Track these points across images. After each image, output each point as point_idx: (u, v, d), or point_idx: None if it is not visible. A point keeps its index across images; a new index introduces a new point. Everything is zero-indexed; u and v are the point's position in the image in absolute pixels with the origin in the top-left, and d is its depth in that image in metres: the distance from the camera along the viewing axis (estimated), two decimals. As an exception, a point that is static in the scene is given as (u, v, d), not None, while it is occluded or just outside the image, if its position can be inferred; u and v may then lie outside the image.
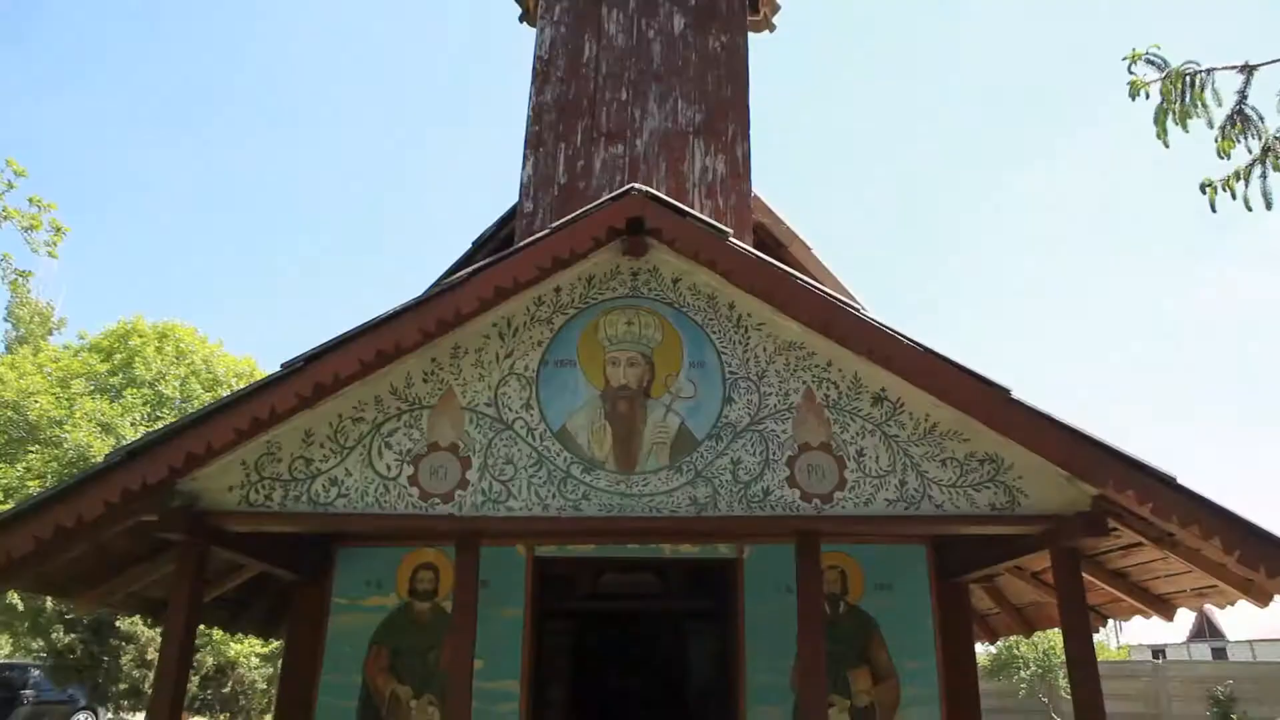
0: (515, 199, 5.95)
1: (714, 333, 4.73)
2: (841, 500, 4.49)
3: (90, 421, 17.14)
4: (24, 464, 16.53)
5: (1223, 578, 4.48)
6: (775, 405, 4.62)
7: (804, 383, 4.66)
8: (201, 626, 5.57)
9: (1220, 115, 5.36)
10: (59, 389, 17.74)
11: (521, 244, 4.61)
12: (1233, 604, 4.79)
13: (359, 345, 4.36)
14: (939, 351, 4.39)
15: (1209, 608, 5.33)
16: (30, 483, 16.16)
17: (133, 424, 17.66)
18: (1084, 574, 4.81)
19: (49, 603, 16.74)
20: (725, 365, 4.68)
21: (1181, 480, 4.11)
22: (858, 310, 4.53)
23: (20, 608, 17.25)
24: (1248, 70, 5.33)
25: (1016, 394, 4.33)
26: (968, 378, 4.37)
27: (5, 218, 10.15)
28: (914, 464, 4.54)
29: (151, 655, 18.24)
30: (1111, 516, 4.43)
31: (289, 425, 4.54)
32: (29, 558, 4.28)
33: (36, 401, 17.10)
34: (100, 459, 16.56)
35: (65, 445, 16.72)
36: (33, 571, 4.61)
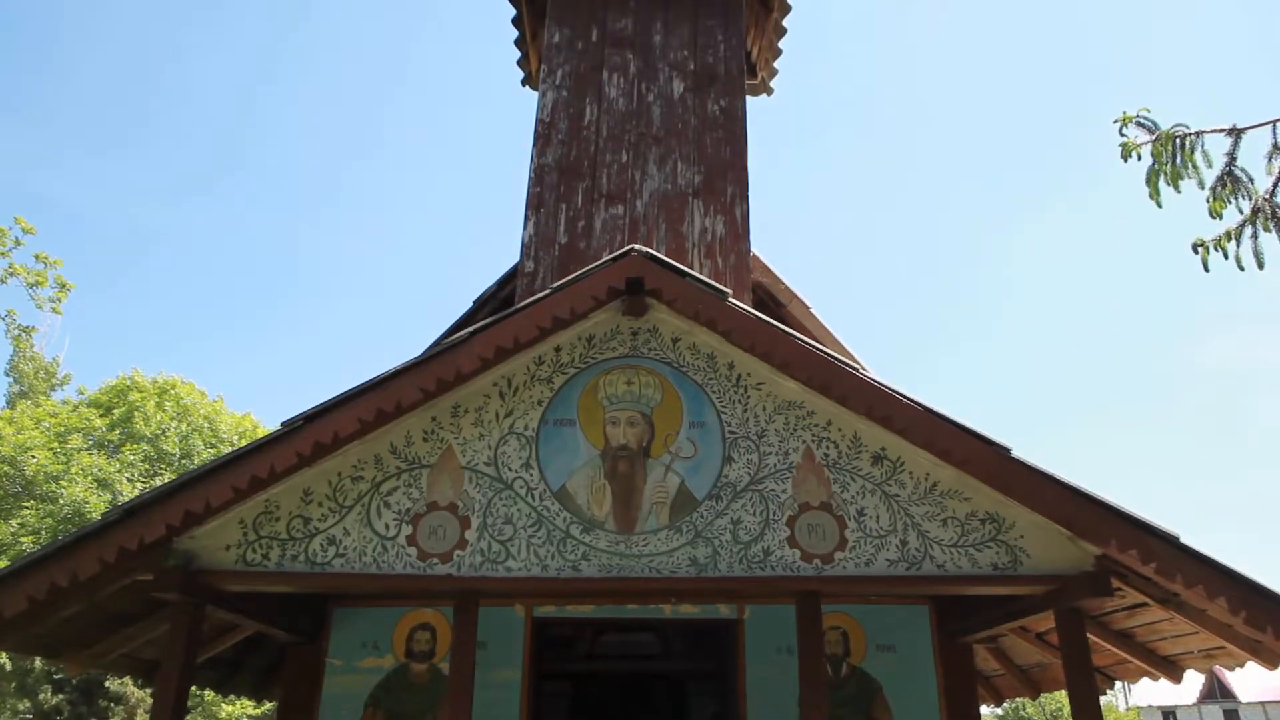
0: (516, 258, 6.02)
1: (713, 392, 4.75)
2: (842, 560, 4.46)
3: (87, 477, 17.06)
4: (18, 520, 16.41)
5: (1230, 639, 4.43)
6: (775, 465, 4.62)
7: (804, 442, 4.67)
8: (193, 688, 5.47)
9: (1211, 176, 5.46)
10: (56, 444, 17.70)
11: (522, 304, 4.65)
12: (1241, 665, 4.72)
13: (359, 404, 4.37)
14: (938, 410, 4.40)
15: (1219, 669, 5.26)
16: (24, 539, 16.02)
17: (130, 480, 17.58)
18: (1089, 635, 4.75)
19: (37, 662, 16.47)
20: (725, 425, 4.69)
21: (1185, 539, 4.09)
22: (856, 369, 4.55)
23: (7, 667, 16.96)
24: (1235, 133, 5.44)
25: (1016, 453, 4.34)
26: (967, 436, 4.37)
27: (11, 274, 10.27)
28: (915, 524, 4.52)
29: (141, 717, 17.88)
30: (1115, 576, 4.40)
31: (288, 484, 4.53)
32: (21, 617, 4.23)
33: (33, 456, 17.04)
34: (96, 515, 16.50)
35: (61, 501, 16.62)
36: (24, 631, 4.55)
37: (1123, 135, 5.66)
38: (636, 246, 4.73)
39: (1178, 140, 5.54)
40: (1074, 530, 4.33)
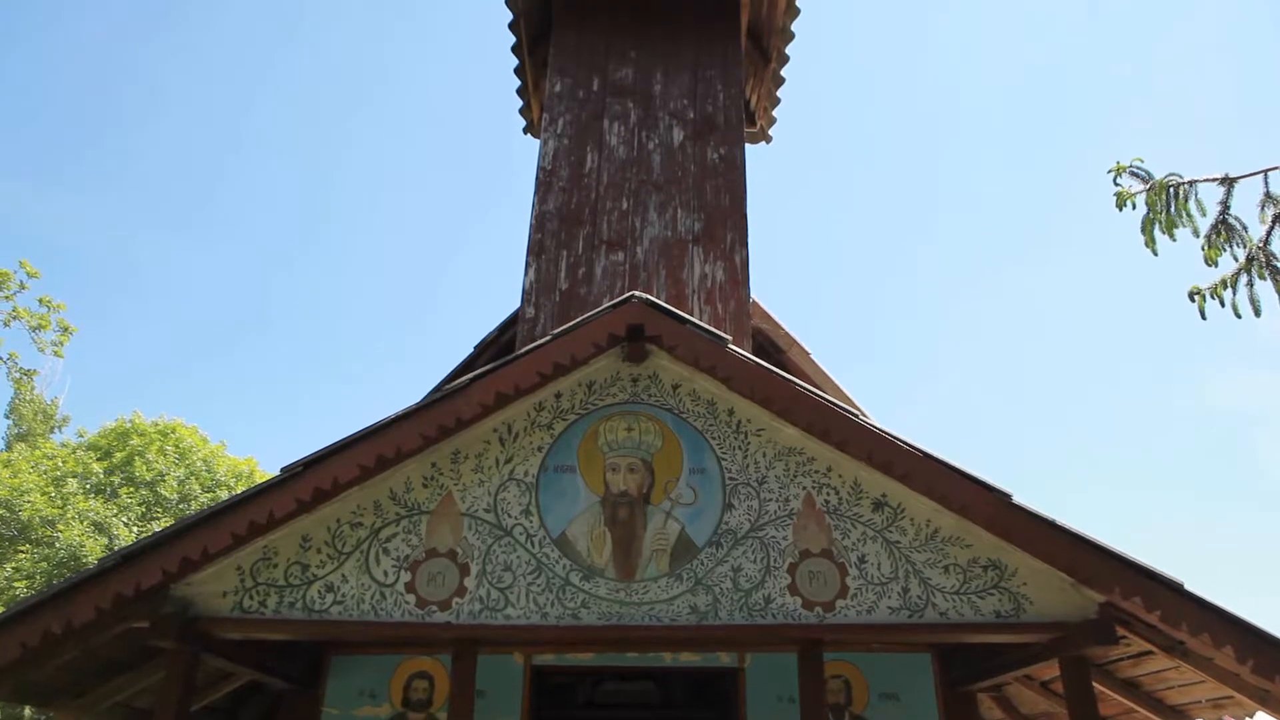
0: (516, 304, 6.06)
1: (714, 438, 4.75)
2: (844, 608, 4.42)
3: (83, 521, 16.95)
4: (13, 564, 16.27)
5: (1238, 688, 4.38)
6: (775, 511, 4.60)
7: (804, 488, 4.66)
8: (187, 738, 5.39)
9: (1205, 225, 5.52)
10: (53, 488, 17.61)
11: (523, 350, 4.68)
12: (1250, 715, 4.67)
13: (359, 450, 4.38)
14: (938, 456, 4.40)
15: (1227, 719, 5.19)
16: (18, 584, 15.87)
17: (127, 524, 17.47)
18: (1095, 683, 4.70)
19: (27, 711, 16.22)
20: (725, 471, 4.69)
21: (1189, 586, 4.07)
22: (856, 415, 4.56)
23: (-2, 716, 16.70)
24: (1228, 182, 5.51)
25: (1017, 499, 4.33)
26: (968, 483, 4.37)
27: (15, 317, 10.33)
28: (916, 570, 4.49)
29: (132, 766, 17.54)
30: (1120, 624, 4.36)
31: (287, 530, 4.51)
32: (14, 665, 4.19)
33: (29, 500, 16.95)
34: (93, 560, 16.35)
35: (57, 545, 16.49)
36: (17, 679, 4.50)
37: (1117, 185, 5.74)
38: (637, 293, 4.76)
39: (1171, 189, 5.61)
40: (1076, 577, 4.30)
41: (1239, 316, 5.38)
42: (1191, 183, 5.60)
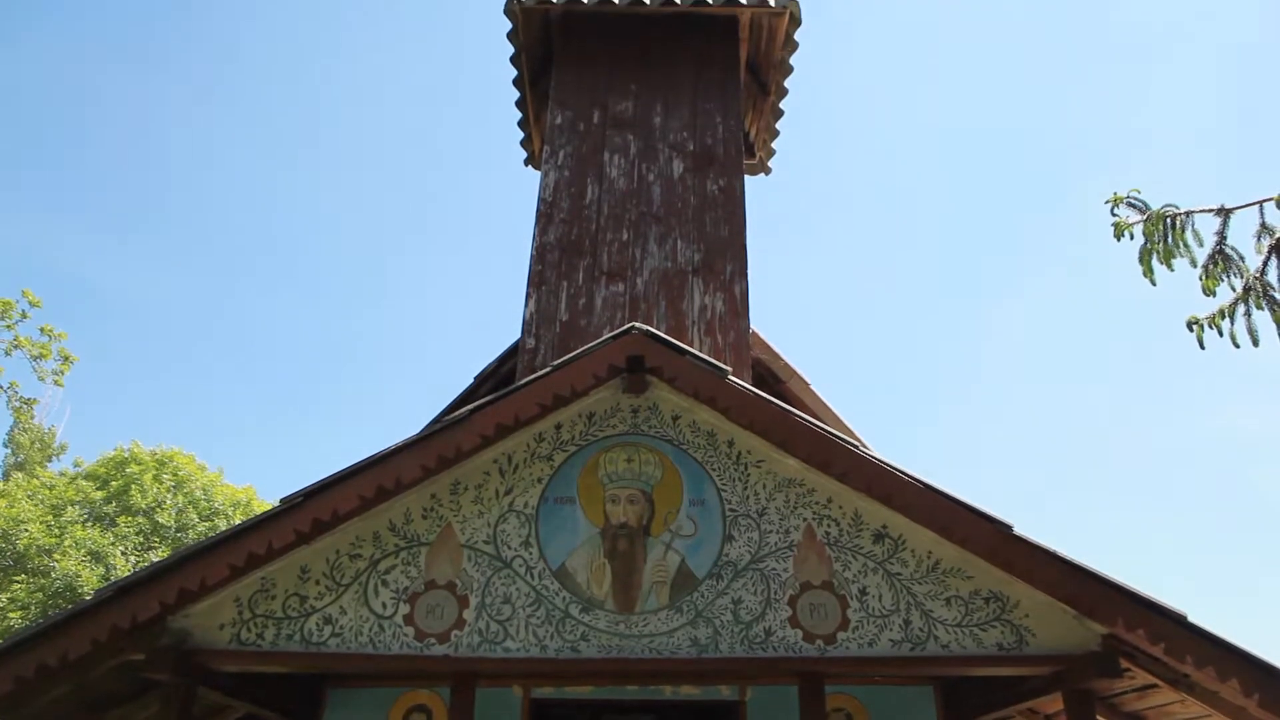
0: (516, 334, 6.08)
1: (714, 470, 4.75)
2: (845, 641, 4.39)
3: (80, 550, 16.86)
4: (8, 594, 16.16)
5: (1245, 722, 4.34)
6: (776, 543, 4.59)
7: (804, 520, 4.65)
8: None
9: (1202, 255, 5.56)
10: (50, 517, 17.54)
11: (523, 381, 4.69)
12: (1257, 750, 4.61)
13: (359, 481, 4.37)
14: (938, 487, 4.40)
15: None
16: (13, 614, 15.75)
17: (124, 554, 17.37)
18: (1099, 717, 4.65)
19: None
20: (725, 503, 4.68)
21: (1193, 618, 4.04)
22: (856, 446, 4.56)
23: (-10, 749, 16.50)
24: (1224, 213, 5.55)
25: (1018, 530, 4.32)
26: (968, 514, 4.36)
27: (16, 346, 10.35)
28: (918, 603, 4.47)
29: (125, 801, 17.30)
30: (1123, 657, 4.34)
31: (285, 561, 4.49)
32: (8, 699, 4.16)
33: (26, 529, 16.87)
34: (88, 589, 16.21)
35: (53, 575, 16.39)
36: (9, 713, 4.46)
37: (1115, 215, 5.78)
38: (637, 324, 4.78)
39: (1168, 220, 5.66)
40: (1079, 609, 4.28)
41: (1237, 346, 5.39)
42: (1188, 213, 5.65)
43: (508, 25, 7.02)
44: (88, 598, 4.28)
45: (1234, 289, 5.45)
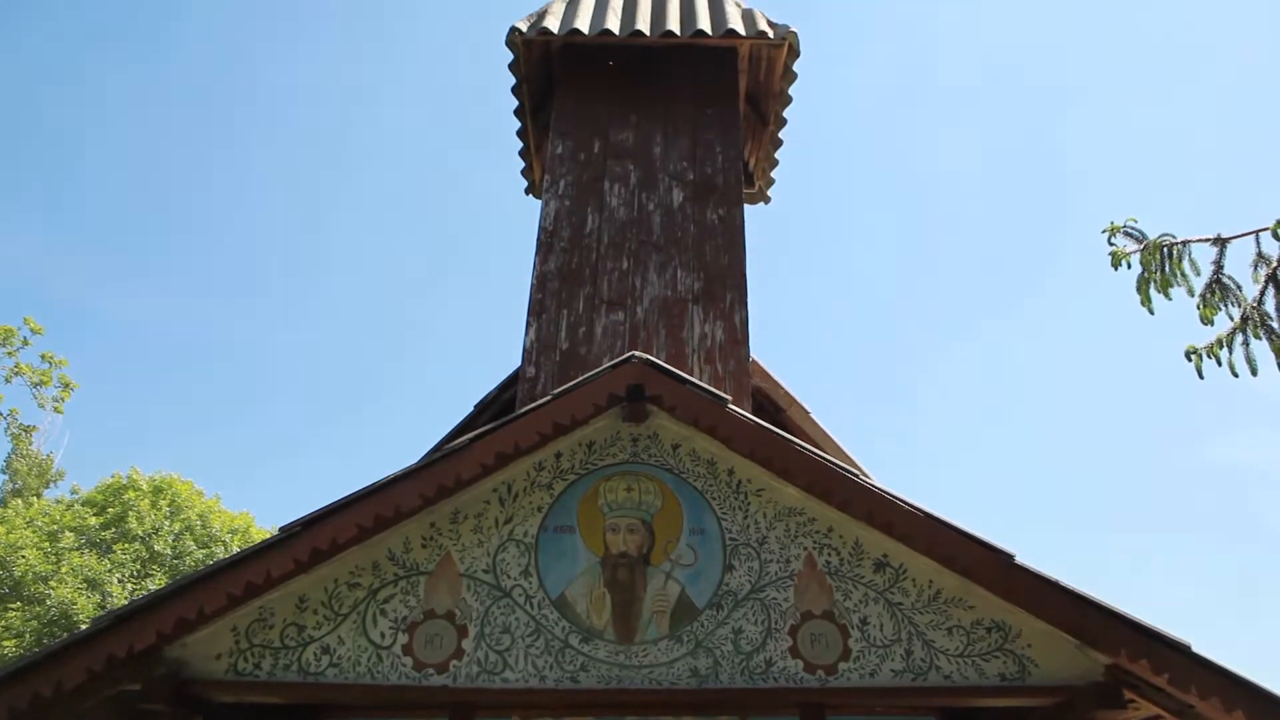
0: (517, 362, 6.09)
1: (714, 499, 4.74)
2: (846, 671, 4.37)
3: (77, 577, 16.76)
4: (3, 622, 16.05)
5: (1250, 754, 4.29)
6: (776, 572, 4.57)
7: (805, 549, 4.63)
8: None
9: (1200, 284, 5.58)
10: (47, 544, 17.45)
11: (523, 410, 4.69)
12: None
13: (358, 510, 4.36)
14: (939, 516, 4.39)
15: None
16: (7, 642, 15.63)
17: (120, 581, 17.27)
18: (1102, 750, 4.61)
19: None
20: (725, 532, 4.66)
21: (1197, 649, 4.02)
22: (857, 475, 4.56)
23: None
24: (1221, 242, 5.58)
25: (1020, 559, 4.30)
26: (970, 543, 4.35)
27: (17, 373, 10.36)
28: (919, 632, 4.45)
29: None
30: (1127, 687, 4.30)
31: (283, 591, 4.47)
32: (0, 730, 4.12)
33: (23, 556, 16.78)
34: (84, 617, 16.08)
35: (48, 602, 16.28)
36: (2, 746, 4.41)
37: (1111, 244, 5.82)
38: (637, 353, 4.79)
39: (1165, 249, 5.69)
40: (1082, 639, 4.26)
41: (1236, 375, 5.40)
42: (1185, 242, 5.68)
43: (509, 56, 7.10)
44: (84, 627, 4.25)
45: (1232, 318, 5.47)
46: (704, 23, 6.86)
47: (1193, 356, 5.41)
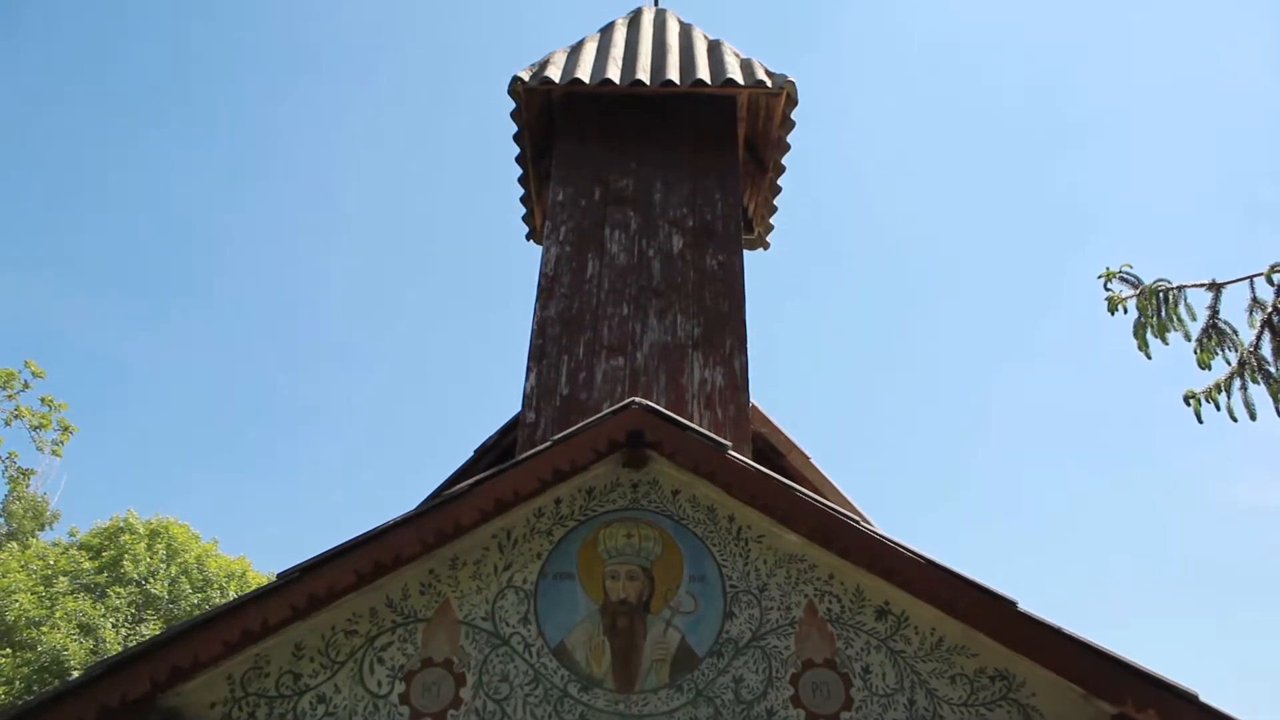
0: (517, 408, 6.10)
1: (714, 545, 4.72)
2: (849, 721, 4.31)
3: (70, 622, 16.58)
4: (-6, 668, 15.84)
5: (1259, 808, 4.23)
6: (777, 620, 4.54)
7: (806, 596, 4.60)
8: None
9: (1196, 329, 5.62)
10: (41, 587, 17.29)
11: (523, 456, 4.69)
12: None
13: (356, 556, 4.34)
14: (941, 563, 4.37)
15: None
16: (-3, 689, 15.41)
17: (115, 625, 17.08)
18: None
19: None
20: (726, 579, 4.64)
21: (1205, 698, 3.98)
22: (858, 522, 4.55)
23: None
24: (1216, 288, 5.63)
25: (1024, 606, 4.28)
26: (972, 589, 4.33)
27: (16, 416, 10.35)
28: (922, 681, 4.40)
29: None
30: (1134, 738, 4.25)
31: (280, 638, 4.43)
32: (-8, 782, 4.05)
33: (16, 600, 16.61)
34: (75, 662, 15.85)
35: (40, 648, 16.08)
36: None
37: (1108, 290, 5.87)
38: (637, 399, 4.81)
39: (1161, 295, 5.74)
40: (1087, 688, 4.21)
41: (1235, 420, 5.41)
42: (1180, 288, 5.73)
43: (511, 104, 7.21)
44: (76, 674, 4.20)
45: (1229, 363, 5.50)
46: (703, 72, 6.98)
47: (1191, 401, 5.43)
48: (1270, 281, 5.36)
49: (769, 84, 6.99)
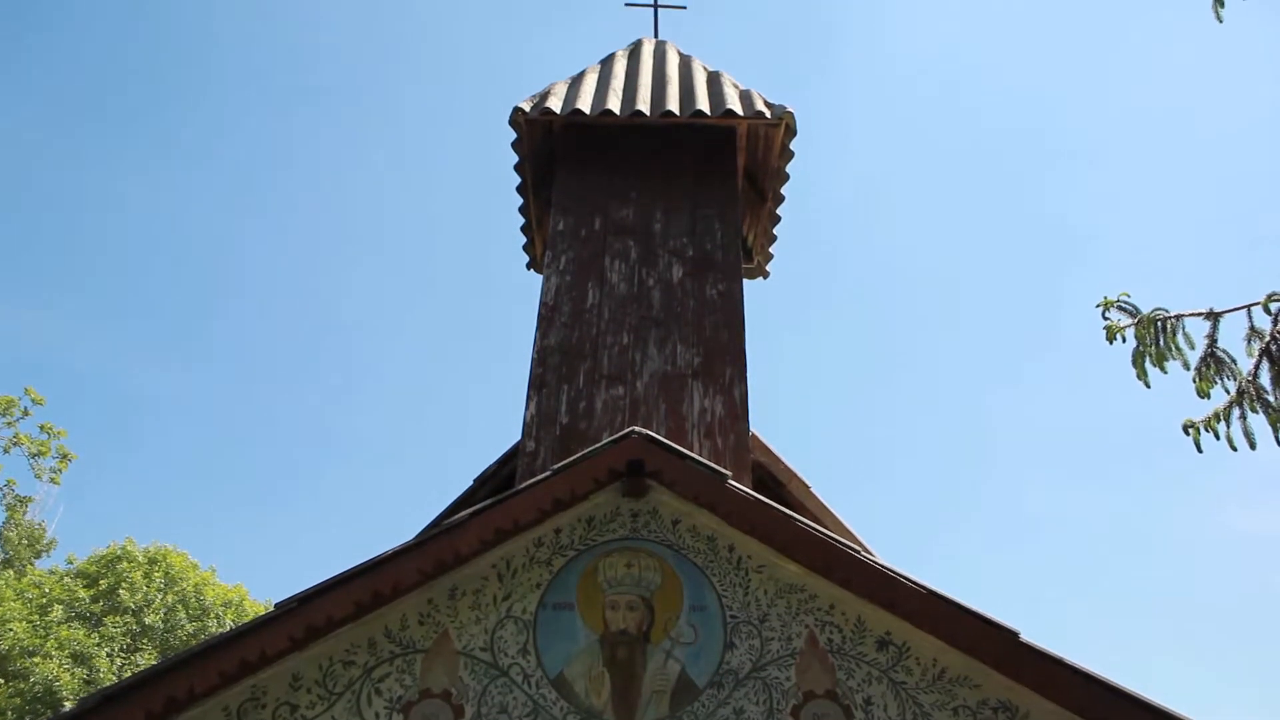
0: (516, 436, 6.10)
1: (714, 575, 4.70)
2: (851, 754, 4.27)
3: (63, 651, 16.44)
4: (-14, 699, 15.68)
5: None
6: (778, 651, 4.51)
7: (807, 626, 4.58)
8: None
9: (1194, 357, 5.63)
10: (36, 616, 17.16)
11: (522, 485, 4.69)
12: None
13: (355, 586, 4.33)
14: (943, 593, 4.36)
15: None
16: (-11, 721, 15.25)
17: (110, 655, 16.94)
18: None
19: None
20: (726, 609, 4.62)
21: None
22: (858, 551, 4.54)
23: None
24: (1213, 317, 5.66)
25: (1025, 636, 4.26)
26: (973, 620, 4.31)
27: (15, 443, 10.34)
28: (924, 713, 4.37)
29: None
30: (1137, 770, 4.21)
31: (277, 669, 4.39)
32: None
33: (11, 629, 16.49)
34: (68, 692, 15.68)
35: (32, 678, 15.94)
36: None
37: (1106, 319, 5.90)
38: (637, 428, 4.82)
39: (1159, 324, 5.76)
40: (1089, 719, 4.18)
41: (1234, 449, 5.41)
42: (1178, 317, 5.76)
43: (512, 135, 7.28)
44: (69, 705, 4.17)
45: (1228, 391, 5.51)
46: (703, 103, 7.05)
47: (1190, 430, 5.43)
48: (1267, 311, 5.39)
49: (768, 115, 7.06)
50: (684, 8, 9.04)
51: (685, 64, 7.87)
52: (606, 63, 7.89)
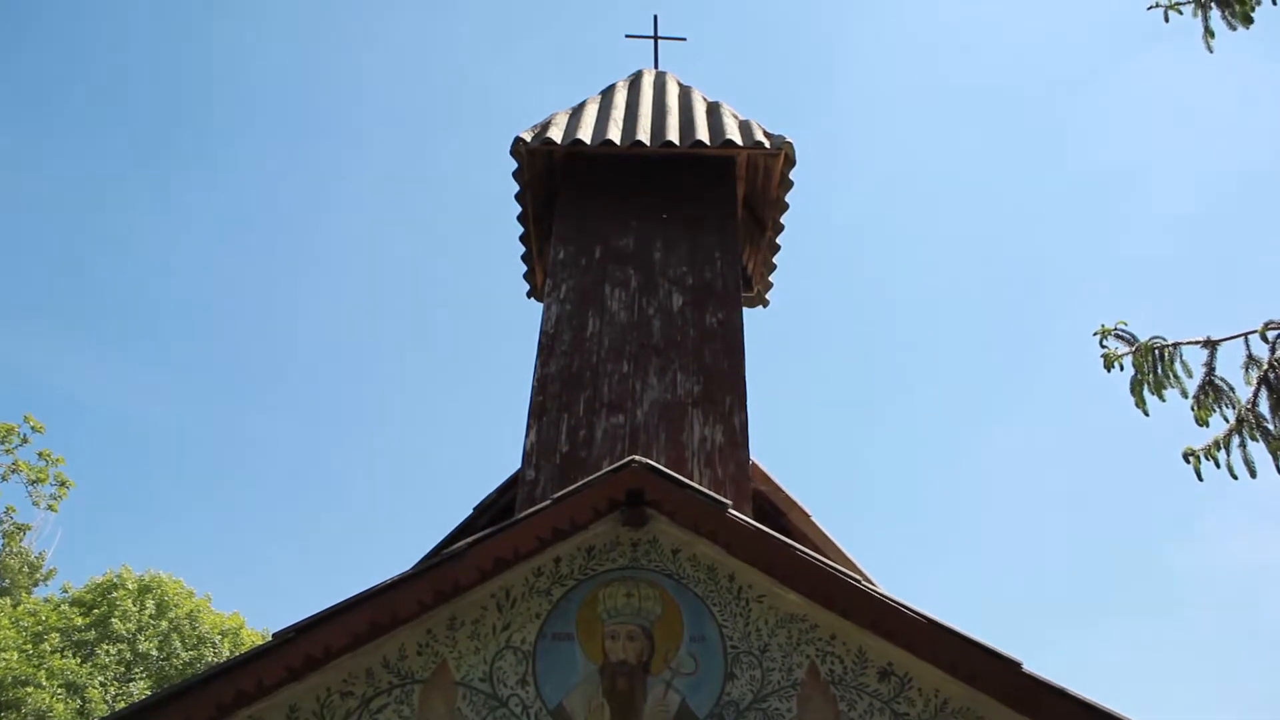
0: (516, 465, 6.09)
1: (715, 605, 4.68)
2: (853, 787, 4.23)
3: (55, 681, 16.29)
4: (-24, 730, 15.52)
5: None
6: (779, 681, 4.48)
7: (807, 657, 4.55)
8: None
9: (1193, 386, 5.65)
10: (30, 645, 17.02)
11: (522, 515, 4.68)
12: None
13: (353, 616, 4.30)
14: (943, 623, 4.34)
15: None
16: (-20, 752, 15.08)
17: (103, 684, 16.78)
18: None
19: None
20: (726, 639, 4.59)
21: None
22: (859, 581, 4.52)
23: None
24: (1211, 345, 5.68)
25: (1028, 667, 4.24)
26: (975, 650, 4.29)
27: (14, 470, 10.31)
28: (927, 745, 4.33)
29: None
30: (1141, 804, 4.17)
31: (274, 699, 4.36)
32: None
33: (4, 658, 16.35)
34: (62, 724, 15.48)
35: (24, 709, 15.78)
36: None
37: (1104, 347, 5.92)
38: (637, 458, 4.81)
39: (1157, 352, 5.79)
40: (1094, 752, 4.15)
41: (1235, 478, 5.41)
42: (1175, 345, 5.78)
43: (513, 164, 7.33)
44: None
45: (1227, 419, 5.51)
46: (702, 133, 7.12)
47: (1190, 458, 5.43)
48: (1265, 339, 5.41)
49: (767, 145, 7.12)
50: (684, 39, 9.17)
51: (685, 94, 7.95)
52: (607, 93, 7.97)
